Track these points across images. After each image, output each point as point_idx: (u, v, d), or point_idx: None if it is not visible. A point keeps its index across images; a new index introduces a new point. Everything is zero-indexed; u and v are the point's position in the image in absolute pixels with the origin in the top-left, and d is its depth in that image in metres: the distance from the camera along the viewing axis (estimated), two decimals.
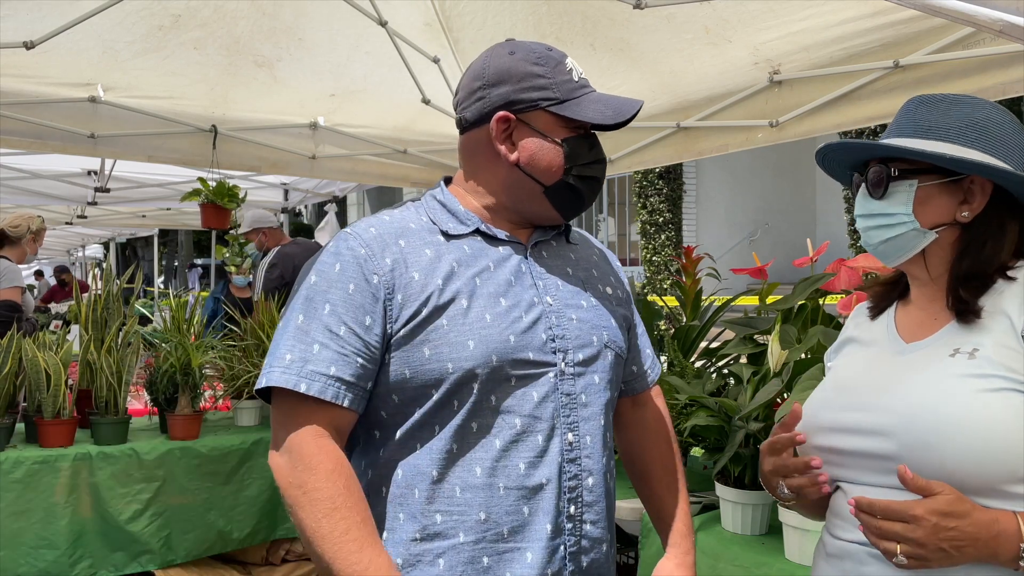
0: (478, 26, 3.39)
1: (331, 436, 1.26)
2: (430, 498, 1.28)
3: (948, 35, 2.55)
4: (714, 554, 2.04)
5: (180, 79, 3.60)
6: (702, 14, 2.84)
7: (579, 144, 1.38)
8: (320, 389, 1.25)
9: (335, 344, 1.27)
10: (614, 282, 1.53)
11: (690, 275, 2.77)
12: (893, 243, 1.27)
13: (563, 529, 1.31)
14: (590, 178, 1.39)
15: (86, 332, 3.42)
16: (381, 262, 1.30)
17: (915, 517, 1.09)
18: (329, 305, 1.28)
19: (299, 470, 1.23)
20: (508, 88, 1.36)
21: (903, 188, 1.25)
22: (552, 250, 1.45)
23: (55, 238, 12.63)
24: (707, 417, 2.12)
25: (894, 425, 1.17)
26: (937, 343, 1.22)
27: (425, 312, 1.28)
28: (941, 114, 1.25)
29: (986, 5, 1.57)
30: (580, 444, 1.34)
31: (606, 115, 1.35)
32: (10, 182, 6.14)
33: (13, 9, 2.84)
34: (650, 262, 13.34)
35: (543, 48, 1.39)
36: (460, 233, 1.37)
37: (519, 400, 1.30)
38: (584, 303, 1.41)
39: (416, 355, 1.28)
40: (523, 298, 1.34)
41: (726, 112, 3.41)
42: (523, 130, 1.37)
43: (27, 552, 2.98)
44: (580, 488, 1.33)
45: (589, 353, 1.38)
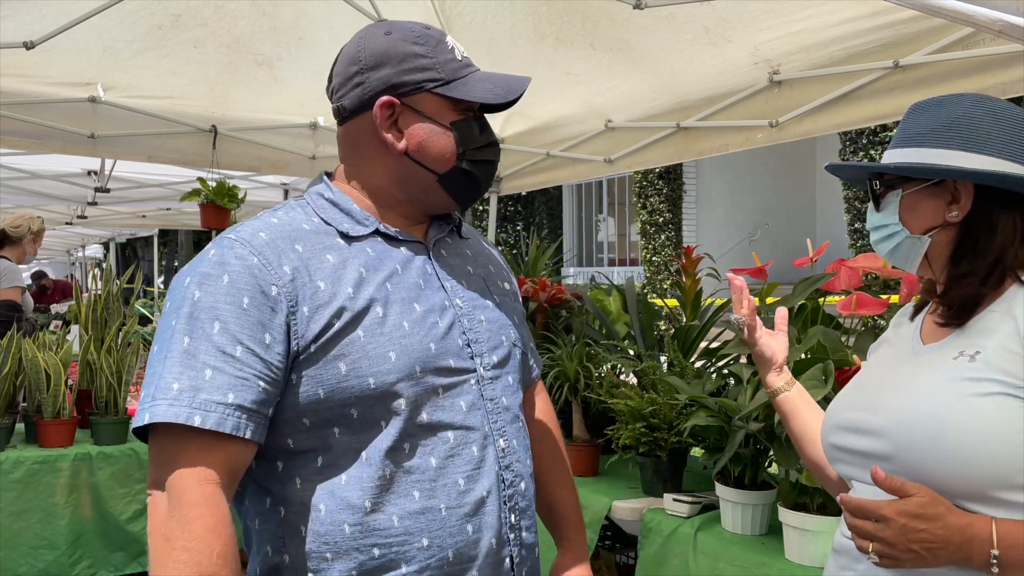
0: (478, 26, 3.38)
1: (221, 482, 1.09)
2: (364, 532, 1.15)
3: (948, 35, 2.55)
4: (714, 554, 2.04)
5: (180, 78, 3.60)
6: (702, 14, 2.84)
7: (469, 127, 1.28)
8: (217, 421, 1.08)
9: (231, 367, 1.10)
10: (507, 276, 1.47)
11: (690, 275, 2.77)
12: (896, 252, 1.28)
13: (507, 540, 1.25)
14: (484, 162, 1.30)
15: (86, 332, 3.42)
16: (279, 271, 1.15)
17: (883, 517, 1.11)
18: (219, 323, 1.11)
19: (173, 520, 1.05)
20: (389, 71, 1.24)
21: (892, 199, 1.27)
22: (450, 248, 1.37)
23: (55, 238, 12.63)
24: (707, 417, 2.12)
25: (888, 426, 1.18)
26: (948, 346, 1.22)
27: (338, 324, 1.15)
28: (921, 119, 1.26)
29: (986, 5, 1.57)
30: (510, 448, 1.27)
31: (496, 94, 1.26)
32: (10, 182, 6.14)
33: (13, 9, 2.83)
34: (650, 262, 13.34)
35: (421, 27, 1.28)
36: (360, 235, 1.25)
37: (449, 412, 1.21)
38: (489, 303, 1.34)
39: (331, 372, 1.14)
40: (435, 302, 1.25)
41: (726, 112, 3.41)
42: (409, 115, 1.25)
43: (27, 552, 2.98)
44: (516, 495, 1.27)
45: (502, 354, 1.31)
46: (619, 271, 14.19)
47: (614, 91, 3.64)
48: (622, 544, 2.76)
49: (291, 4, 3.18)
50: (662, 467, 2.40)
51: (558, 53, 3.38)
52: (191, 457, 1.08)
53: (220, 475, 1.09)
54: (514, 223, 15.96)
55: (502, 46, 3.46)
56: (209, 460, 1.08)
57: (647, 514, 2.28)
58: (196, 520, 1.05)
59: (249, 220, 1.23)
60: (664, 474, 2.40)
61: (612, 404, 2.43)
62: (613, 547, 2.80)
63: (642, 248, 13.55)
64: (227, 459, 1.10)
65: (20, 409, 3.33)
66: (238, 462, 1.12)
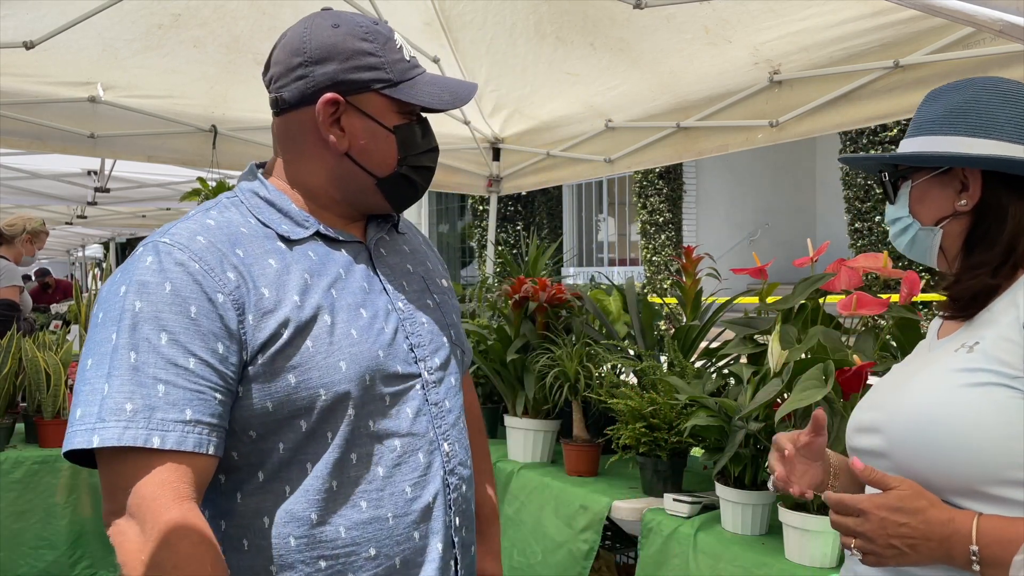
0: (478, 26, 3.39)
1: (193, 497, 1.03)
2: (311, 544, 1.12)
3: (948, 35, 2.55)
4: (714, 554, 2.04)
5: (180, 76, 3.60)
6: (702, 14, 2.84)
7: (412, 131, 1.24)
8: (177, 440, 1.02)
9: (184, 380, 1.03)
10: (442, 271, 1.44)
11: (690, 275, 2.77)
12: (913, 246, 1.26)
13: (452, 543, 1.25)
14: (424, 168, 1.27)
15: (86, 332, 3.42)
16: (223, 277, 1.09)
17: (862, 511, 1.08)
18: (166, 334, 1.04)
19: (154, 545, 0.99)
20: (335, 67, 1.19)
21: (904, 190, 1.25)
22: (388, 246, 1.33)
23: (55, 238, 12.62)
24: (707, 417, 2.12)
25: (884, 422, 1.17)
26: (955, 339, 1.19)
27: (286, 334, 1.10)
28: (932, 106, 1.23)
29: (986, 5, 1.57)
30: (453, 452, 1.26)
31: (443, 99, 1.22)
32: (10, 182, 6.14)
33: (13, 9, 2.83)
34: (650, 262, 13.34)
35: (369, 22, 1.23)
36: (300, 238, 1.20)
37: (395, 420, 1.19)
38: (429, 303, 1.32)
39: (280, 384, 1.10)
40: (379, 306, 1.22)
41: (726, 112, 3.41)
42: (352, 115, 1.20)
43: (27, 552, 2.98)
44: (460, 498, 1.27)
45: (443, 356, 1.29)
46: (619, 271, 14.18)
47: (614, 91, 3.64)
48: (622, 544, 2.76)
49: (291, 4, 3.18)
50: (662, 467, 2.39)
51: (558, 53, 3.38)
52: (157, 478, 1.01)
53: (191, 491, 1.04)
54: (514, 223, 15.95)
55: (502, 46, 3.47)
56: (176, 476, 1.02)
57: (647, 514, 2.28)
58: (182, 540, 1.00)
59: (181, 221, 1.17)
60: (664, 474, 2.40)
61: (612, 404, 2.43)
62: (613, 547, 2.80)
63: (642, 248, 13.54)
64: (191, 475, 1.04)
65: (20, 409, 3.33)
66: (203, 477, 1.07)
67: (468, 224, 16.76)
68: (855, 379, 1.73)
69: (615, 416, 2.47)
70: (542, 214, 16.45)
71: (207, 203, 1.24)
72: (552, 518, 2.57)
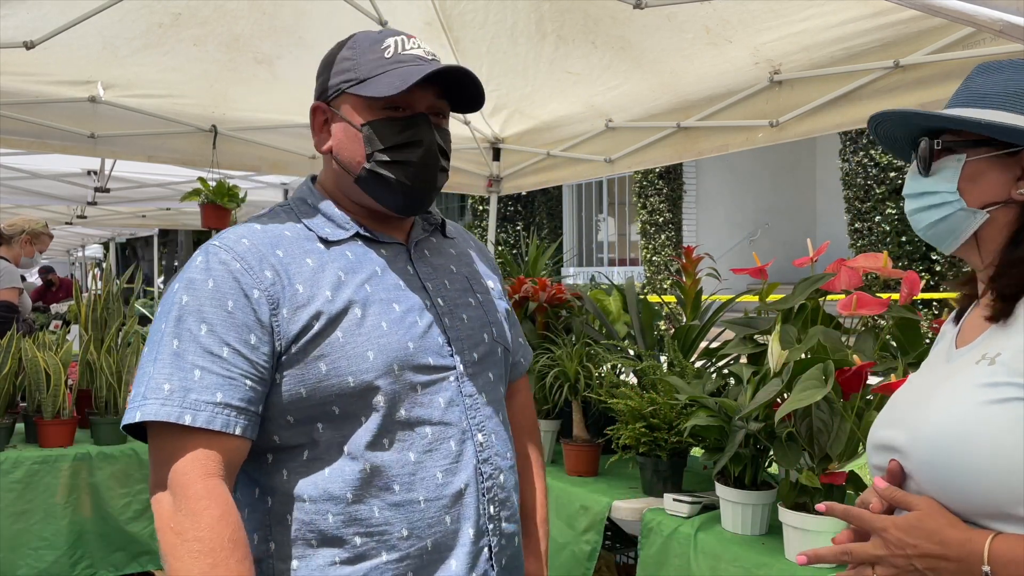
0: (478, 26, 3.38)
1: (221, 474, 1.14)
2: (347, 521, 1.20)
3: (948, 35, 2.55)
4: (714, 554, 2.04)
5: (180, 75, 3.60)
6: (703, 14, 2.84)
7: (385, 127, 1.26)
8: (207, 419, 1.13)
9: (218, 367, 1.15)
10: (492, 274, 1.50)
11: (690, 275, 2.77)
12: (941, 226, 1.14)
13: (485, 531, 1.29)
14: (400, 163, 1.26)
15: (86, 332, 3.42)
16: (260, 275, 1.20)
17: (880, 530, 1.04)
18: (206, 325, 1.16)
19: (181, 514, 1.10)
20: (323, 78, 1.32)
21: (950, 163, 1.12)
22: (433, 247, 1.41)
23: (55, 238, 12.62)
24: (707, 417, 2.12)
25: (907, 443, 1.09)
26: (975, 350, 1.11)
27: (317, 326, 1.19)
28: (999, 80, 1.12)
29: (986, 5, 1.57)
30: (488, 443, 1.31)
31: (392, 86, 1.22)
32: (10, 182, 6.14)
33: (13, 9, 2.83)
34: (650, 262, 13.34)
35: (370, 33, 1.32)
36: (340, 239, 1.29)
37: (427, 408, 1.25)
38: (472, 301, 1.38)
39: (312, 372, 1.19)
40: (414, 301, 1.29)
41: (726, 112, 3.41)
42: (335, 119, 1.30)
43: (27, 553, 2.98)
44: (495, 487, 1.31)
45: (483, 351, 1.35)
46: (619, 271, 14.18)
47: (615, 91, 3.64)
48: (622, 544, 2.76)
49: (291, 3, 3.18)
50: (662, 467, 2.39)
51: (559, 52, 3.38)
52: (189, 453, 1.13)
53: (219, 468, 1.15)
54: (514, 223, 15.95)
55: (503, 45, 3.46)
56: (206, 455, 1.14)
57: (647, 514, 2.28)
58: (204, 512, 1.10)
59: (235, 226, 1.28)
60: (664, 474, 2.40)
61: (612, 404, 2.43)
62: (613, 547, 2.80)
63: (642, 248, 13.54)
64: (223, 454, 1.15)
65: (20, 409, 3.33)
66: (233, 457, 1.17)
67: (468, 224, 16.76)
68: (855, 379, 1.73)
69: (615, 416, 2.47)
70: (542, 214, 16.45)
71: (261, 211, 1.35)
72: (553, 519, 2.57)
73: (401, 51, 1.27)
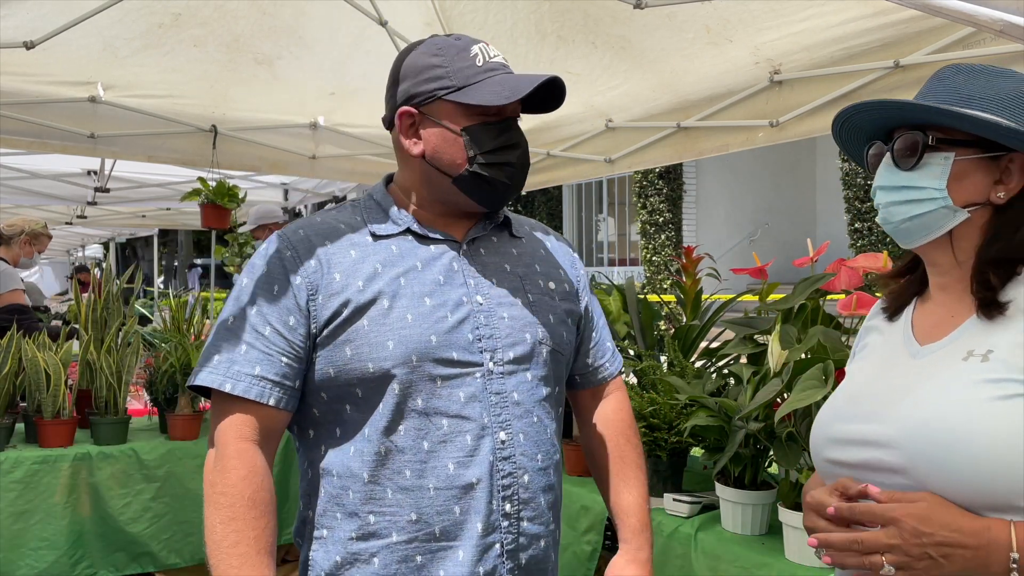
0: (478, 26, 3.38)
1: (254, 439, 1.28)
2: (364, 499, 1.29)
3: (948, 35, 2.55)
4: (714, 554, 2.04)
5: (180, 76, 3.60)
6: (703, 13, 2.84)
7: (483, 131, 1.35)
8: (244, 388, 1.27)
9: (260, 344, 1.29)
10: (561, 276, 1.50)
11: (690, 275, 2.77)
12: (919, 220, 1.15)
13: (497, 527, 1.31)
14: (500, 164, 1.36)
15: (86, 332, 3.42)
16: (305, 263, 1.32)
17: (893, 519, 1.03)
18: (255, 306, 1.31)
19: (216, 470, 1.26)
20: (409, 83, 1.36)
21: (938, 160, 1.13)
22: (491, 246, 1.44)
23: (55, 238, 12.62)
24: (707, 417, 2.12)
25: (899, 437, 1.09)
26: (952, 345, 1.13)
27: (346, 313, 1.29)
28: (984, 84, 1.14)
29: (986, 5, 1.57)
30: (513, 442, 1.33)
31: (500, 95, 1.31)
32: (10, 182, 6.14)
33: (13, 9, 2.83)
34: (650, 262, 13.34)
35: (449, 39, 1.38)
36: (389, 233, 1.37)
37: (445, 401, 1.30)
38: (520, 300, 1.40)
39: (339, 355, 1.29)
40: (450, 297, 1.34)
41: (726, 112, 3.41)
42: (427, 123, 1.36)
43: (28, 553, 2.98)
44: (515, 485, 1.33)
45: (522, 351, 1.36)
46: (619, 271, 14.18)
47: (615, 91, 3.64)
48: None
49: (291, 3, 3.18)
50: (662, 467, 2.39)
51: (559, 52, 3.38)
52: (229, 417, 1.28)
53: (254, 433, 1.28)
54: None
55: (503, 45, 3.46)
56: (242, 420, 1.28)
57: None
58: (232, 470, 1.25)
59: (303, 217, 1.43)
60: (664, 474, 2.40)
61: None
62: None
63: (642, 248, 13.54)
64: (258, 420, 1.28)
65: (20, 409, 3.33)
66: (269, 425, 1.30)
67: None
68: None
69: None
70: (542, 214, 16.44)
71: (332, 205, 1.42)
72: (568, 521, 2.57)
73: (489, 59, 1.36)
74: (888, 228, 1.20)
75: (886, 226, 1.20)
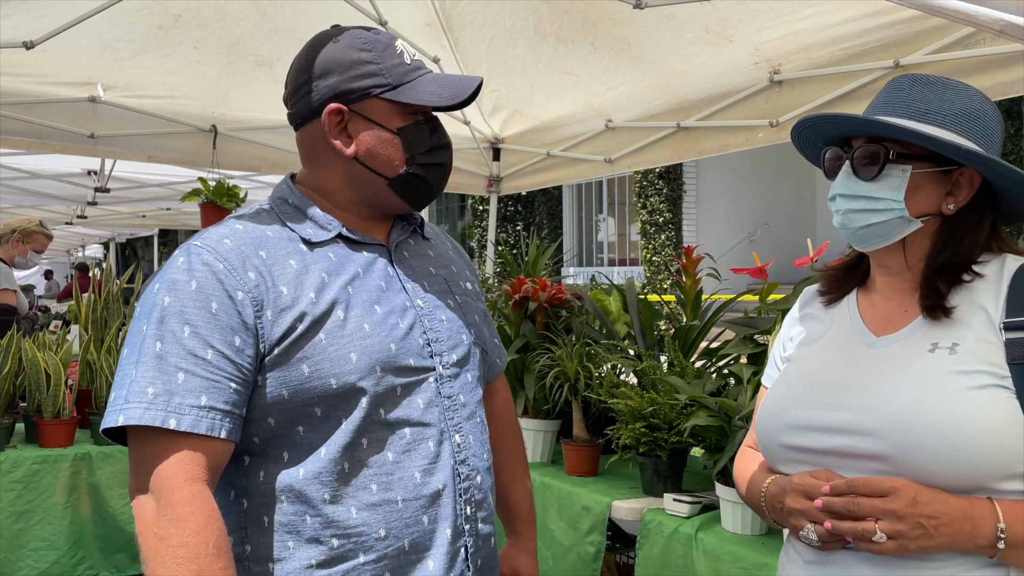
0: (478, 26, 3.39)
1: (205, 479, 1.13)
2: (324, 523, 1.20)
3: (948, 35, 2.55)
4: (714, 554, 2.04)
5: (180, 78, 3.60)
6: (703, 14, 2.84)
7: (418, 131, 1.31)
8: (192, 423, 1.12)
9: (202, 370, 1.14)
10: (470, 276, 1.51)
11: (690, 275, 2.77)
12: (876, 228, 1.22)
13: (462, 531, 1.30)
14: (435, 165, 1.34)
15: (86, 332, 3.42)
16: (244, 276, 1.19)
17: (893, 488, 1.09)
18: (189, 327, 1.15)
19: (166, 519, 1.09)
20: (336, 78, 1.28)
21: (896, 173, 1.20)
22: (412, 249, 1.41)
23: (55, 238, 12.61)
24: (707, 417, 2.12)
25: (882, 425, 1.15)
26: (912, 337, 1.21)
27: (300, 328, 1.19)
28: (938, 98, 1.21)
29: (986, 5, 1.57)
30: (466, 444, 1.32)
31: (443, 96, 1.28)
32: (10, 182, 6.14)
33: (13, 9, 2.83)
34: (650, 262, 13.34)
35: (369, 32, 1.32)
36: (322, 240, 1.29)
37: (406, 409, 1.26)
38: (450, 302, 1.39)
39: (294, 374, 1.19)
40: (396, 303, 1.30)
41: (726, 112, 3.41)
42: (358, 121, 1.29)
43: (28, 553, 2.98)
44: (472, 488, 1.32)
45: (461, 353, 1.36)
46: (619, 271, 14.18)
47: (614, 91, 3.64)
48: (622, 544, 2.76)
49: (291, 5, 3.18)
50: (662, 467, 2.39)
51: (558, 53, 3.38)
52: (173, 457, 1.12)
53: (203, 473, 1.14)
54: (514, 223, 15.95)
55: (502, 46, 3.46)
56: (191, 459, 1.12)
57: (647, 514, 2.28)
58: (189, 517, 1.09)
59: (215, 226, 1.27)
60: (664, 474, 2.40)
61: (612, 404, 2.43)
62: (613, 547, 2.80)
63: (642, 248, 13.54)
64: (207, 457, 1.14)
65: (20, 409, 3.33)
66: (217, 460, 1.16)
67: (468, 224, 16.76)
68: None
69: (615, 416, 2.47)
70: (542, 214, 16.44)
71: (241, 209, 1.34)
72: (557, 520, 2.57)
73: (412, 57, 1.33)
74: (846, 233, 1.26)
75: (844, 230, 1.26)
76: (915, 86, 1.23)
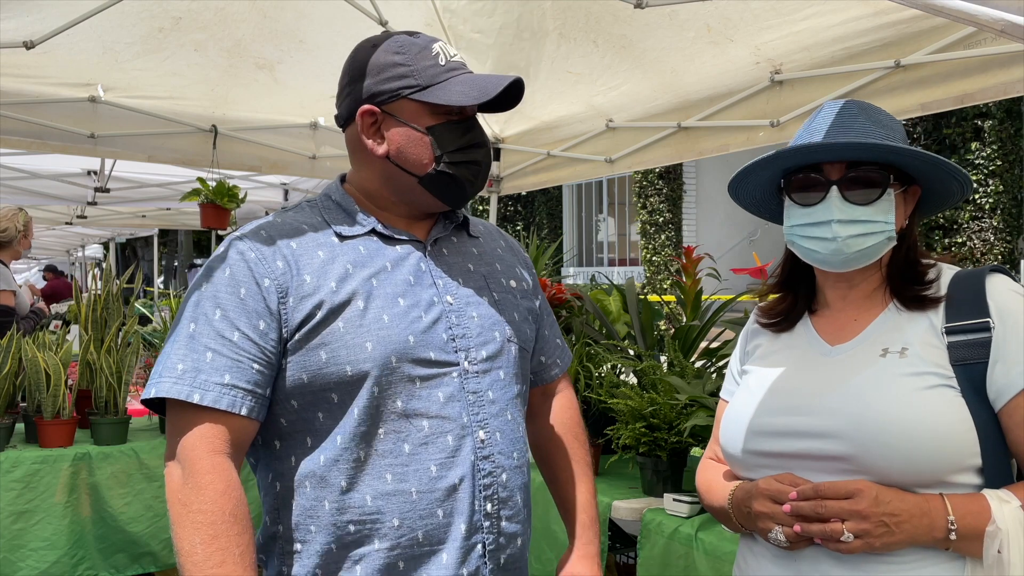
0: (479, 26, 3.38)
1: (227, 452, 1.22)
2: (340, 509, 1.25)
3: (949, 35, 2.55)
4: (714, 554, 2.04)
5: (180, 80, 3.60)
6: (704, 13, 2.84)
7: (449, 130, 1.35)
8: (215, 399, 1.21)
9: (228, 350, 1.23)
10: (519, 274, 1.52)
11: (690, 275, 2.77)
12: (868, 251, 1.27)
13: (480, 528, 1.30)
14: (467, 163, 1.36)
15: (86, 332, 3.42)
16: (272, 265, 1.27)
17: (858, 490, 1.15)
18: (220, 310, 1.24)
19: (188, 487, 1.19)
20: (370, 81, 1.34)
21: (887, 196, 1.26)
22: (453, 246, 1.44)
23: (55, 238, 12.63)
24: (707, 417, 2.12)
25: (844, 427, 1.21)
26: (863, 344, 1.28)
27: (319, 315, 1.25)
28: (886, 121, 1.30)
29: (988, 4, 1.57)
30: (491, 441, 1.32)
31: (470, 95, 1.31)
32: (10, 182, 6.14)
33: (13, 9, 2.83)
34: (650, 262, 13.35)
35: (408, 37, 1.37)
36: (354, 234, 1.34)
37: (425, 402, 1.28)
38: (486, 299, 1.40)
39: (313, 359, 1.25)
40: (422, 298, 1.33)
41: (727, 112, 3.41)
42: (390, 122, 1.34)
43: (28, 553, 2.97)
44: (495, 485, 1.32)
45: (492, 349, 1.37)
46: (619, 271, 14.19)
47: (615, 91, 3.64)
48: (622, 544, 2.76)
49: (292, 6, 3.18)
50: (662, 467, 2.39)
51: (560, 50, 3.38)
52: (198, 429, 1.21)
53: (226, 446, 1.22)
54: (514, 223, 15.96)
55: (503, 45, 3.46)
56: (214, 432, 1.21)
57: (647, 514, 2.28)
58: (208, 486, 1.18)
59: (260, 219, 1.36)
60: (664, 474, 2.40)
61: (612, 404, 2.43)
62: (613, 547, 2.80)
63: (642, 248, 13.55)
64: (229, 431, 1.23)
65: (20, 409, 3.33)
66: (240, 436, 1.25)
67: None
68: None
69: (615, 416, 2.47)
70: (542, 214, 16.44)
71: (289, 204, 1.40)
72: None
73: (450, 58, 1.36)
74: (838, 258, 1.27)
75: (837, 256, 1.27)
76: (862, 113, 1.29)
